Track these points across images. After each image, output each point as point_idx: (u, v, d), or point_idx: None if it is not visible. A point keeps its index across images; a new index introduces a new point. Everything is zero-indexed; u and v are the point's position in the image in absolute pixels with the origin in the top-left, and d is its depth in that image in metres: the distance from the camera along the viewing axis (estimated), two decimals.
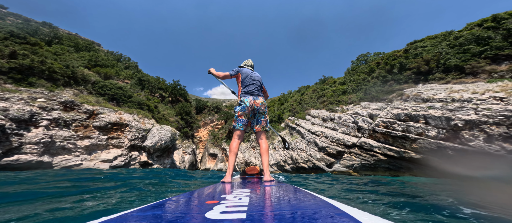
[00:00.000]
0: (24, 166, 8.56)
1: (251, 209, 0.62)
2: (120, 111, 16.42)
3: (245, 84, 2.13)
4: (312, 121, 17.94)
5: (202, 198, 0.87)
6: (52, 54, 15.30)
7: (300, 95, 27.66)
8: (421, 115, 9.86)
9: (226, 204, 0.70)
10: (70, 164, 10.63)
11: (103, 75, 20.71)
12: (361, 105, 15.25)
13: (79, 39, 28.37)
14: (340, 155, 13.27)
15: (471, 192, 3.70)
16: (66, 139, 11.10)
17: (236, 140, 1.99)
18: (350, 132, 13.37)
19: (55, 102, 12.12)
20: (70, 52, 20.85)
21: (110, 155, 13.26)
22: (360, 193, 3.65)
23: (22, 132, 9.00)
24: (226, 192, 1.06)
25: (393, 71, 17.35)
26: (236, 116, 2.04)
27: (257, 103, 2.04)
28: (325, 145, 14.00)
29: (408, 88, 13.22)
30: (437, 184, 5.56)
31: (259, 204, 0.72)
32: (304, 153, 15.51)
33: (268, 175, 1.81)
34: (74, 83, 14.96)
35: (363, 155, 12.02)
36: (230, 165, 1.94)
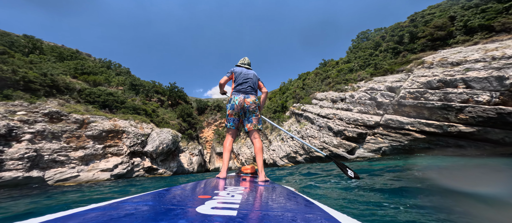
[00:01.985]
0: (10, 183, 7.43)
1: (243, 207, 0.61)
2: (114, 118, 15.16)
3: (237, 83, 2.10)
4: (320, 104, 16.68)
5: (195, 192, 0.86)
6: (26, 63, 13.77)
7: (302, 81, 26.46)
8: (459, 78, 8.42)
9: (218, 200, 0.70)
10: (66, 177, 9.50)
11: (92, 83, 19.25)
12: (374, 80, 14.01)
13: (62, 49, 26.55)
14: (362, 137, 11.69)
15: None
16: (56, 151, 9.90)
17: (229, 138, 2.03)
18: (368, 110, 12.06)
19: (38, 114, 10.82)
20: (52, 61, 19.24)
21: (110, 164, 12.14)
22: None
23: (1, 147, 7.79)
24: (219, 188, 1.04)
25: (404, 42, 16.28)
26: (227, 115, 2.06)
27: (247, 102, 2.01)
28: (341, 128, 12.52)
29: (428, 56, 12.16)
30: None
31: (251, 203, 0.72)
32: (317, 140, 14.31)
33: (263, 176, 1.77)
34: (57, 92, 13.58)
35: (391, 135, 10.38)
36: (224, 161, 1.94)
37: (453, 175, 3.81)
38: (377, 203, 2.14)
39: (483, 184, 2.80)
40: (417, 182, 3.16)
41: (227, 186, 1.17)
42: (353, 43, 26.60)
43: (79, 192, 4.89)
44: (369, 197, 2.44)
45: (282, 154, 17.74)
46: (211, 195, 0.77)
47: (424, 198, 2.28)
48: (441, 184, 2.93)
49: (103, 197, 2.91)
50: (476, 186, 2.54)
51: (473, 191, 2.23)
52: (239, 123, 2.07)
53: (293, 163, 17.10)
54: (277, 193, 1.05)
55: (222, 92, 2.33)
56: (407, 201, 2.17)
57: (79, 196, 3.85)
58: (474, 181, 3.09)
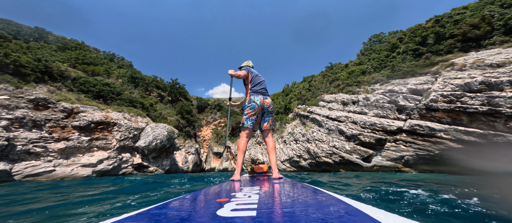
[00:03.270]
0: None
1: (261, 206, 0.62)
2: (107, 109, 14.42)
3: (254, 83, 2.16)
4: (329, 106, 15.21)
5: (212, 196, 0.88)
6: (21, 48, 13.35)
7: (307, 83, 25.43)
8: (506, 81, 6.88)
9: (236, 201, 0.70)
10: (38, 171, 8.62)
11: (90, 73, 18.83)
12: (393, 83, 12.58)
13: (68, 40, 26.75)
14: (380, 144, 10.15)
15: None
16: (33, 142, 9.09)
17: (245, 138, 2.04)
18: (387, 113, 10.49)
19: (23, 100, 10.14)
20: (53, 49, 19.06)
21: (94, 159, 11.25)
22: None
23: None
24: (235, 190, 1.06)
25: (428, 43, 14.85)
26: (245, 114, 2.05)
27: (266, 102, 2.11)
28: (355, 132, 11.01)
29: (458, 58, 10.72)
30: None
31: (269, 201, 0.72)
32: (326, 144, 12.78)
33: (277, 173, 1.83)
34: (50, 79, 13.00)
35: (417, 142, 8.75)
36: (238, 163, 1.95)
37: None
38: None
39: None
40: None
41: (242, 187, 1.18)
42: (365, 45, 26.05)
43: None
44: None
45: (284, 158, 16.36)
46: (229, 198, 0.78)
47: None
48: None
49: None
50: None
51: None
52: (256, 123, 2.07)
53: (296, 167, 15.76)
54: (293, 189, 1.04)
55: (238, 77, 2.20)
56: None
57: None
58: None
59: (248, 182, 1.60)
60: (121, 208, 2.54)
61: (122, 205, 2.65)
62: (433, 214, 1.98)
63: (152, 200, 2.88)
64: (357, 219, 0.43)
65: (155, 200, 2.78)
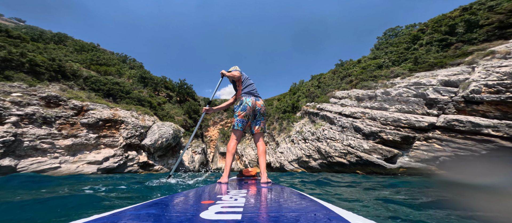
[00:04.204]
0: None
1: (247, 210, 0.61)
2: (116, 107, 14.60)
3: (246, 85, 2.14)
4: (341, 102, 13.97)
5: (197, 197, 0.87)
6: (38, 49, 13.99)
7: (316, 80, 24.45)
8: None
9: (221, 204, 0.70)
10: (44, 168, 8.64)
11: (103, 73, 19.49)
12: (417, 75, 11.22)
13: (85, 43, 28.34)
14: (408, 142, 8.74)
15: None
16: (41, 138, 9.19)
17: (234, 140, 2.00)
18: (414, 108, 9.08)
19: (35, 97, 10.42)
20: (70, 51, 20.06)
21: (100, 156, 11.24)
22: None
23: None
24: (222, 192, 1.06)
25: (457, 32, 13.43)
26: (236, 115, 2.02)
27: (258, 104, 2.06)
28: (375, 129, 9.73)
29: (498, 46, 9.26)
30: None
31: (255, 205, 0.72)
32: (339, 143, 11.56)
33: (265, 177, 1.82)
34: (63, 78, 13.43)
35: (457, 141, 7.24)
36: (227, 165, 1.91)
37: None
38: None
39: None
40: None
41: (229, 190, 1.16)
42: (379, 40, 25.10)
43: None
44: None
45: (292, 158, 15.35)
46: (214, 200, 0.77)
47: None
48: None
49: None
50: None
51: None
52: (247, 125, 2.05)
53: (305, 168, 14.71)
54: (280, 194, 1.03)
55: (232, 77, 2.15)
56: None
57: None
58: None
59: (235, 185, 1.57)
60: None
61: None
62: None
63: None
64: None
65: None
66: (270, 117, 24.38)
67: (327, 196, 2.81)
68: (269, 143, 21.81)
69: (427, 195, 2.68)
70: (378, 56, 19.65)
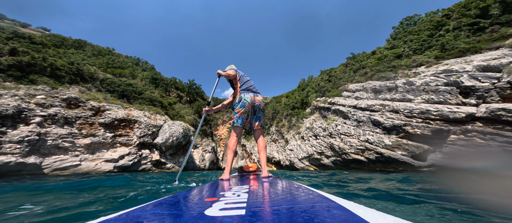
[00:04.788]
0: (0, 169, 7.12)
1: (250, 205, 0.62)
2: (130, 107, 15.12)
3: (243, 81, 2.14)
4: (356, 95, 13.01)
5: (200, 195, 0.88)
6: (59, 54, 14.87)
7: (327, 74, 23.47)
8: None
9: (225, 201, 0.70)
10: (65, 165, 9.10)
11: (117, 75, 20.38)
12: (446, 62, 10.06)
13: (101, 48, 29.98)
14: (440, 136, 7.65)
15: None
16: (62, 137, 9.69)
17: (235, 137, 2.00)
18: (445, 98, 8.02)
19: (57, 99, 11.05)
20: (88, 55, 21.23)
21: (116, 154, 11.67)
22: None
23: (4, 129, 7.70)
24: (224, 189, 1.06)
25: (491, 14, 12.00)
26: (235, 112, 2.02)
27: (257, 100, 2.06)
28: (398, 122, 8.77)
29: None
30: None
31: (258, 200, 0.72)
32: (355, 138, 10.73)
33: (266, 172, 1.84)
34: (81, 80, 14.15)
35: (505, 133, 6.17)
36: (228, 162, 1.92)
37: None
38: None
39: None
40: None
41: (231, 186, 1.17)
42: (396, 29, 23.81)
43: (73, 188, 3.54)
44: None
45: (302, 155, 14.75)
46: (218, 197, 0.77)
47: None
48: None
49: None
50: None
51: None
52: (247, 122, 2.05)
53: (317, 166, 14.06)
54: (282, 187, 1.04)
55: (228, 76, 2.17)
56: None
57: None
58: None
59: (237, 181, 1.57)
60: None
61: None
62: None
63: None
64: (340, 214, 0.46)
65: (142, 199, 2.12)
66: (279, 114, 23.82)
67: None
68: (278, 140, 21.30)
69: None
70: (395, 46, 18.45)
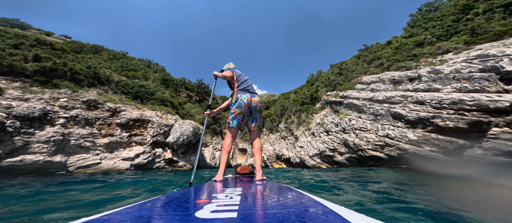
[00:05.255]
0: (30, 167, 7.77)
1: (242, 208, 0.61)
2: (143, 108, 15.71)
3: (241, 82, 2.09)
4: (371, 87, 12.13)
5: (192, 197, 0.87)
6: (77, 59, 15.78)
7: (337, 67, 22.44)
8: None
9: (217, 203, 0.69)
10: (87, 163, 9.68)
11: (131, 77, 21.27)
12: (478, 48, 8.96)
13: (116, 52, 31.55)
14: (479, 129, 6.67)
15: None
16: (84, 137, 10.30)
17: (230, 138, 1.96)
18: (482, 86, 7.10)
19: (78, 101, 11.76)
20: (104, 59, 22.40)
21: (132, 153, 12.20)
22: None
23: (32, 130, 8.34)
24: (217, 191, 1.05)
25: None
26: (231, 113, 1.98)
27: (254, 101, 2.02)
28: (424, 114, 7.85)
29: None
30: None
31: (251, 203, 0.71)
32: (372, 134, 10.01)
33: (260, 175, 1.80)
34: (98, 83, 14.93)
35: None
36: (222, 163, 1.86)
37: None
38: None
39: None
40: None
41: (225, 188, 1.16)
42: (413, 17, 22.37)
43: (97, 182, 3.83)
44: None
45: (313, 152, 14.24)
46: (210, 199, 0.76)
47: None
48: None
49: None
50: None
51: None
52: (242, 123, 2.02)
53: (329, 164, 13.47)
54: (276, 191, 1.04)
55: (224, 78, 2.11)
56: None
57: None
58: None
59: (230, 183, 1.54)
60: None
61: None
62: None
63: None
64: (332, 219, 0.46)
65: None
66: (287, 111, 23.31)
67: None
68: (288, 137, 20.89)
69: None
70: (414, 34, 17.01)
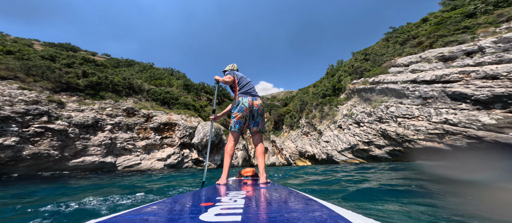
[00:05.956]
0: (89, 167, 9.20)
1: (246, 211, 0.61)
2: (170, 113, 17.09)
3: (242, 85, 2.06)
4: (412, 68, 10.51)
5: (197, 200, 0.88)
6: (115, 72, 18.03)
7: (361, 54, 20.49)
8: None
9: (221, 206, 0.70)
10: (131, 163, 10.97)
11: (158, 85, 23.42)
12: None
13: (144, 64, 35.25)
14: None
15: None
16: (126, 141, 11.71)
17: (232, 141, 1.96)
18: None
19: (120, 110, 13.44)
20: (136, 71, 25.18)
21: (164, 154, 13.37)
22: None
23: (88, 135, 9.86)
24: (221, 194, 1.05)
25: None
26: (233, 117, 1.96)
27: (256, 104, 2.00)
28: (501, 90, 6.32)
29: None
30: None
31: (255, 206, 0.72)
32: (423, 120, 8.50)
33: (264, 178, 1.80)
34: (133, 93, 16.80)
35: None
36: (225, 166, 1.88)
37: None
38: None
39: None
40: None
41: (228, 191, 1.16)
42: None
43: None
44: None
45: (343, 146, 13.17)
46: (214, 202, 0.77)
47: None
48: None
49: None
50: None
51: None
52: (244, 126, 2.01)
53: (364, 159, 12.13)
54: (280, 194, 1.03)
55: (225, 83, 2.07)
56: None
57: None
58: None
59: (234, 186, 1.54)
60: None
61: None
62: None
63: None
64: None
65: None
66: (308, 105, 22.31)
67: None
68: (310, 133, 19.97)
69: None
70: (459, 5, 14.36)
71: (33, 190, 3.65)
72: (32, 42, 23.86)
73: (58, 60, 15.44)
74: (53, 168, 8.48)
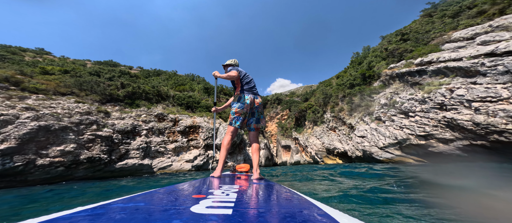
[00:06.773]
0: (131, 169, 10.26)
1: (238, 205, 0.62)
2: (194, 116, 18.01)
3: (245, 82, 2.08)
4: (481, 40, 8.20)
5: (188, 191, 0.88)
6: (146, 81, 19.88)
7: (396, 35, 17.64)
8: None
9: (213, 199, 0.70)
10: (164, 165, 11.85)
11: (181, 91, 25.09)
12: None
13: (170, 72, 38.45)
14: None
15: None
16: (159, 144, 12.71)
17: (230, 135, 1.99)
18: None
19: (152, 116, 14.74)
20: (163, 79, 27.52)
21: (191, 155, 14.09)
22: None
23: (129, 140, 11.02)
24: (214, 187, 1.07)
25: None
26: (233, 112, 1.98)
27: (256, 102, 2.06)
28: None
29: None
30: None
31: (246, 201, 0.73)
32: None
33: (258, 174, 1.84)
34: (162, 99, 18.26)
35: None
36: (221, 159, 1.91)
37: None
38: None
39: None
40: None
41: (222, 185, 1.17)
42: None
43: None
44: None
45: (385, 142, 11.12)
46: (206, 195, 0.77)
47: None
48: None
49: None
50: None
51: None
52: (243, 123, 2.02)
53: (419, 156, 9.71)
54: (272, 190, 1.06)
55: (230, 78, 2.05)
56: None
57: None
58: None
59: (228, 180, 1.57)
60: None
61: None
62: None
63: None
64: (325, 221, 0.46)
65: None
66: (332, 98, 20.52)
67: None
68: (338, 127, 18.31)
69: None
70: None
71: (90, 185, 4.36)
72: (85, 62, 28.50)
73: (102, 74, 17.89)
74: (104, 170, 9.83)
